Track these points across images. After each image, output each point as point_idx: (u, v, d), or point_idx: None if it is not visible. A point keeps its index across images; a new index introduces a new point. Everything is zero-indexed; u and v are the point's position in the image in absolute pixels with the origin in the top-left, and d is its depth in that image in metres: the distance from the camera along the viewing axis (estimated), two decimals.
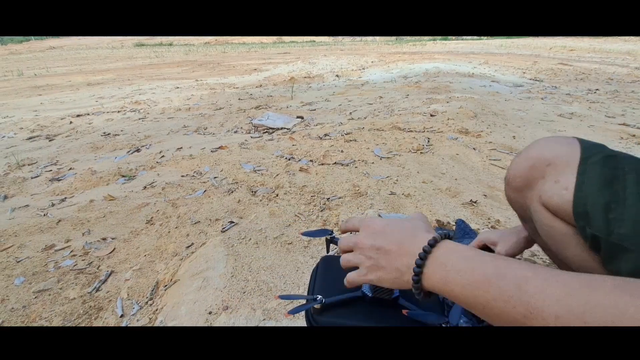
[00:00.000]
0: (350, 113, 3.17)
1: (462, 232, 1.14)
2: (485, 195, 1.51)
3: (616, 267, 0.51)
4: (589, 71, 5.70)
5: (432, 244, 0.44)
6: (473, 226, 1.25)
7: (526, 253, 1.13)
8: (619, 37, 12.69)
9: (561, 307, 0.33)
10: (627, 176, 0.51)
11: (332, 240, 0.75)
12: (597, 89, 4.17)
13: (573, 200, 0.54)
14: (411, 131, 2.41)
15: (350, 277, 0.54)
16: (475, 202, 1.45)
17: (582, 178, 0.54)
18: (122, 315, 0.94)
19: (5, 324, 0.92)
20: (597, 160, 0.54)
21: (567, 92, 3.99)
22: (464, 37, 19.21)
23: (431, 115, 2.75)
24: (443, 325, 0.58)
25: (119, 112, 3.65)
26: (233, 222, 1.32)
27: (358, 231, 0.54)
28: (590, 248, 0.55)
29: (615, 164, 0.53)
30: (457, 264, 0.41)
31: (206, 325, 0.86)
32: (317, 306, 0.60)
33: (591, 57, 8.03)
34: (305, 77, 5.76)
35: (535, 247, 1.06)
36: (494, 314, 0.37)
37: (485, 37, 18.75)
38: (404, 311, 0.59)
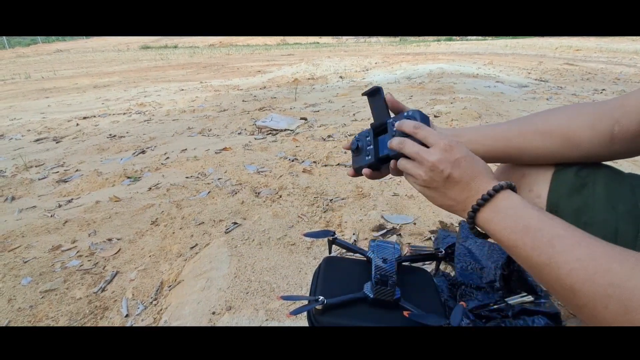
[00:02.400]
0: (354, 114, 3.17)
1: (465, 234, 1.14)
2: None
3: None
4: (595, 71, 5.65)
5: (497, 190, 0.46)
6: None
7: None
8: (626, 37, 12.57)
9: (579, 266, 0.36)
10: (597, 182, 0.54)
11: (334, 242, 0.75)
12: (603, 89, 4.14)
13: (546, 207, 0.57)
14: None
15: (404, 166, 0.52)
16: None
17: (554, 186, 0.57)
18: (127, 315, 0.95)
19: (12, 324, 0.93)
20: (570, 170, 0.57)
21: (573, 93, 3.96)
22: (469, 37, 19.14)
23: (435, 116, 2.74)
24: (444, 326, 0.58)
25: (124, 114, 3.69)
26: (237, 223, 1.33)
27: (423, 143, 0.51)
28: None
29: (586, 173, 0.55)
30: (508, 211, 0.44)
31: (210, 325, 0.86)
32: (318, 307, 0.60)
33: (597, 57, 7.96)
34: (308, 79, 5.77)
35: None
36: (522, 257, 0.42)
37: (490, 38, 18.65)
38: (405, 312, 0.59)
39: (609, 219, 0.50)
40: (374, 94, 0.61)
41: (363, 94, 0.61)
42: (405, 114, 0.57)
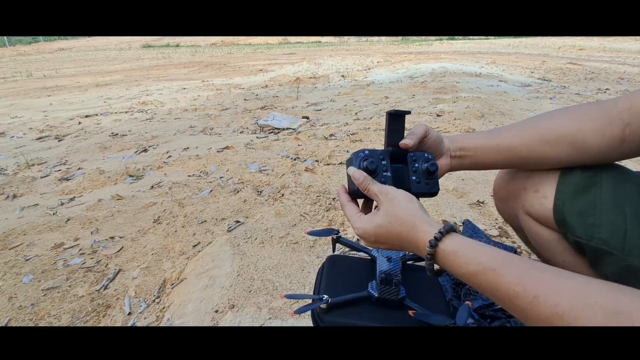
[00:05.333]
0: (356, 113, 3.16)
1: (470, 233, 1.13)
2: (492, 196, 1.50)
3: (602, 271, 0.53)
4: (598, 70, 5.63)
5: (434, 245, 0.45)
6: (481, 227, 1.24)
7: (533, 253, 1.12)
8: (630, 36, 12.51)
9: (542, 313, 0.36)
10: (604, 183, 0.53)
11: (338, 240, 0.75)
12: (607, 89, 4.12)
13: (553, 209, 0.56)
14: None
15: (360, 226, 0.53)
16: (482, 203, 1.44)
17: (560, 187, 0.56)
18: (129, 313, 0.94)
19: (13, 322, 0.93)
20: (576, 170, 0.56)
21: (577, 92, 3.94)
22: (471, 37, 19.07)
23: (437, 115, 2.73)
24: (450, 326, 0.57)
25: (126, 112, 3.69)
26: (239, 222, 1.32)
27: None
28: (576, 253, 0.56)
29: (593, 173, 0.54)
30: (459, 264, 0.44)
31: (213, 326, 0.86)
32: (323, 306, 0.60)
33: (601, 57, 7.93)
34: (310, 78, 5.76)
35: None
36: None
37: (493, 37, 18.60)
38: (411, 312, 0.59)
39: (616, 220, 0.50)
40: (400, 117, 0.58)
41: (390, 112, 0.57)
42: (426, 155, 0.59)
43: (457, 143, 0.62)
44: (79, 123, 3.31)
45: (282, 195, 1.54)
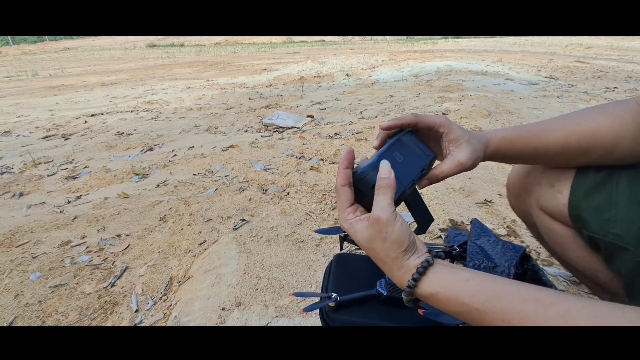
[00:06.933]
0: (361, 112, 3.15)
1: (478, 232, 1.12)
2: (500, 195, 1.49)
3: (617, 267, 0.53)
4: (606, 69, 5.56)
5: (409, 294, 0.42)
6: (488, 226, 1.23)
7: (542, 253, 1.11)
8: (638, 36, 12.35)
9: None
10: (620, 179, 0.52)
11: (345, 238, 0.74)
12: (615, 87, 4.07)
13: (568, 204, 0.56)
14: None
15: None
16: (490, 202, 1.42)
17: (576, 182, 0.56)
18: (136, 310, 0.94)
19: (19, 319, 0.93)
20: (592, 166, 0.55)
21: (584, 91, 3.90)
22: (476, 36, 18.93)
23: (443, 114, 2.71)
24: (460, 325, 0.56)
25: (132, 111, 3.70)
26: (245, 220, 1.32)
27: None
28: (590, 249, 0.56)
29: (609, 169, 0.54)
30: (442, 297, 0.41)
31: (221, 325, 0.86)
32: (331, 304, 0.59)
33: (609, 55, 7.84)
34: (315, 77, 5.75)
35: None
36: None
37: (498, 36, 18.45)
38: (420, 310, 0.58)
39: (632, 216, 0.49)
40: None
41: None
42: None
43: (499, 151, 0.56)
44: (85, 122, 3.33)
45: (288, 193, 1.53)
